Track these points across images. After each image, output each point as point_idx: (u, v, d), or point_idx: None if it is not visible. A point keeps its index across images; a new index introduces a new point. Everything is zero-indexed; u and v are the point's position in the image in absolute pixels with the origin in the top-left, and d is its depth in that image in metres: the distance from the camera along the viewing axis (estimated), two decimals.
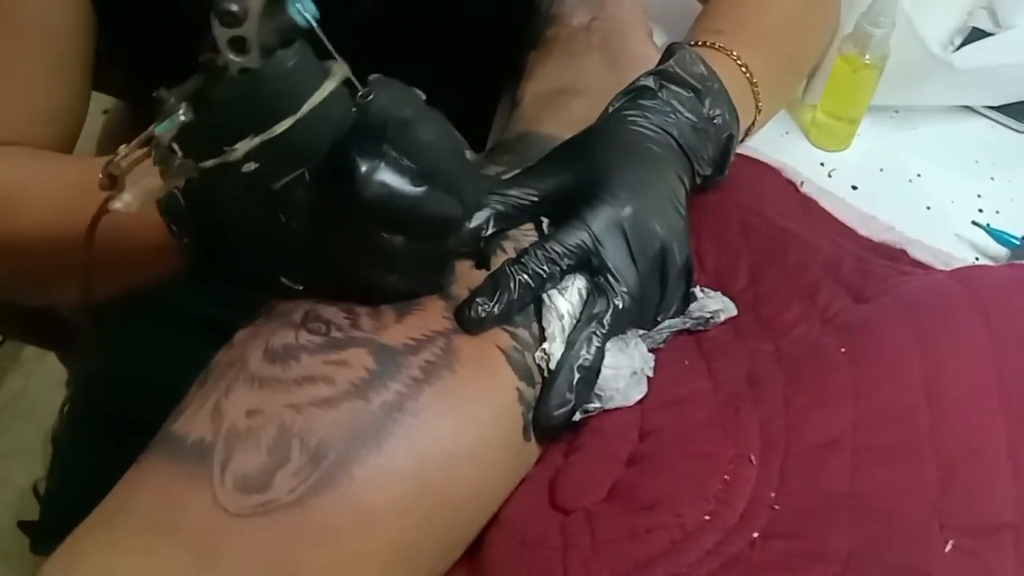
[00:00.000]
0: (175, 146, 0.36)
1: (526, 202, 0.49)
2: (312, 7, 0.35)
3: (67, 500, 0.67)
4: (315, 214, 0.39)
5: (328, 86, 0.36)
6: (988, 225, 0.61)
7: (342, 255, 0.40)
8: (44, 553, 0.67)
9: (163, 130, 0.36)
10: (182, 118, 0.35)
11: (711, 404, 0.44)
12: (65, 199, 0.51)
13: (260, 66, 0.35)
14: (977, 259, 0.60)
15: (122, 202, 0.38)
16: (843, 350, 0.43)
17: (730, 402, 0.43)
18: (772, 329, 0.48)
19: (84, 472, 0.66)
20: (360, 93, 0.38)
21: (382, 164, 0.37)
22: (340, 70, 0.37)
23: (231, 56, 0.34)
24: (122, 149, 0.37)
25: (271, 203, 0.38)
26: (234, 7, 0.34)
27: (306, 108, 0.36)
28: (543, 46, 0.67)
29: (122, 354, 0.70)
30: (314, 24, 0.35)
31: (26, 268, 0.54)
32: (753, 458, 0.40)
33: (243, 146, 0.35)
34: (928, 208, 0.64)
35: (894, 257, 0.54)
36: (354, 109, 0.38)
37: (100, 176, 0.37)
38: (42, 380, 1.36)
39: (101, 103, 0.90)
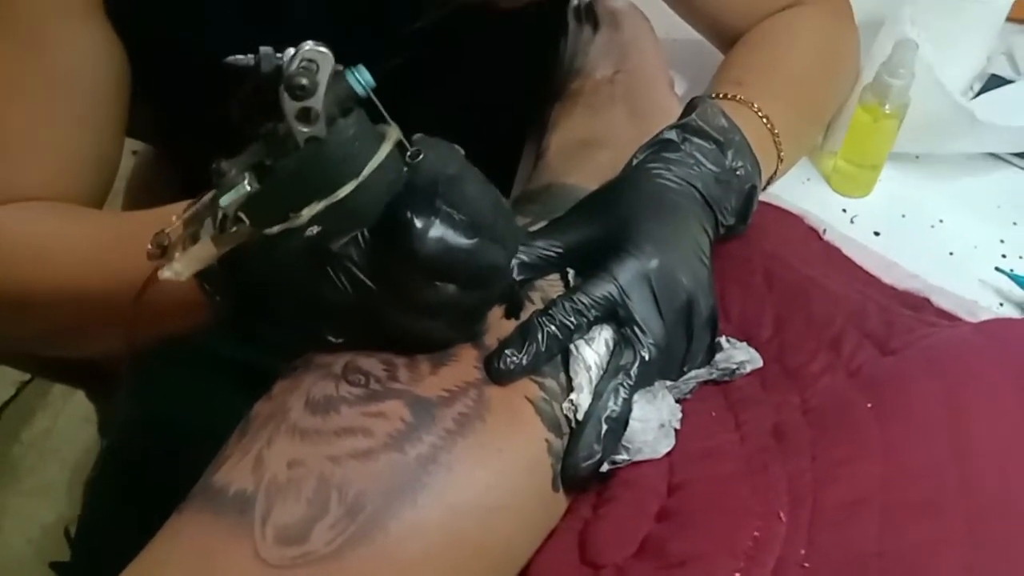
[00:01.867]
0: (241, 215, 0.37)
1: (551, 254, 0.50)
2: (368, 76, 0.37)
3: (99, 543, 0.68)
4: (367, 270, 0.40)
5: (384, 149, 0.38)
6: (1012, 271, 0.61)
7: (392, 307, 0.41)
8: None
9: (229, 200, 0.37)
10: (247, 188, 0.37)
11: (739, 458, 0.44)
12: (95, 255, 0.51)
13: (325, 135, 0.36)
14: (1001, 305, 0.60)
15: (173, 271, 0.39)
16: (869, 405, 0.43)
17: (758, 456, 0.43)
18: (798, 380, 0.49)
19: (117, 516, 0.67)
20: (410, 153, 0.39)
21: (436, 220, 0.39)
22: (394, 133, 0.39)
23: (299, 126, 0.36)
24: (173, 219, 0.38)
25: (324, 264, 0.40)
26: (304, 81, 0.35)
27: (366, 172, 0.37)
28: (567, 98, 0.68)
29: (154, 399, 0.71)
30: (371, 93, 0.37)
31: (55, 323, 0.54)
32: (782, 515, 0.40)
33: (308, 211, 0.37)
34: (951, 254, 0.64)
35: (918, 306, 0.54)
36: (405, 169, 0.39)
37: (149, 246, 0.38)
38: (70, 418, 1.37)
39: (130, 144, 0.92)
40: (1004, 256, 0.64)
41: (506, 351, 0.44)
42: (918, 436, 0.42)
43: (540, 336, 0.45)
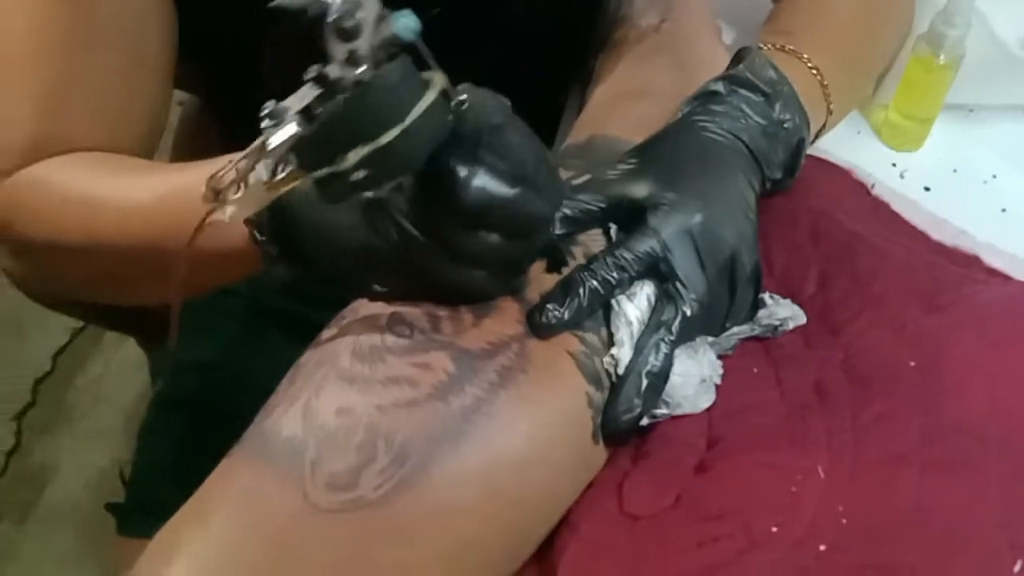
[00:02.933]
0: (290, 156, 0.38)
1: (594, 208, 0.50)
2: (415, 21, 0.37)
3: (153, 484, 0.70)
4: (412, 218, 0.40)
5: (429, 96, 0.38)
6: None
7: (436, 255, 0.42)
8: (130, 535, 0.71)
9: (277, 142, 0.37)
10: (296, 130, 0.37)
11: (779, 413, 0.44)
12: (149, 204, 0.52)
13: (370, 79, 0.36)
14: None
15: (226, 214, 0.39)
16: (913, 363, 0.43)
17: (798, 412, 0.44)
18: (841, 337, 0.48)
19: (169, 457, 0.69)
20: (455, 102, 0.39)
21: (480, 169, 0.39)
22: (440, 81, 0.39)
23: (345, 69, 0.36)
24: (226, 162, 0.39)
25: (370, 211, 0.40)
26: (350, 23, 0.35)
27: (411, 118, 0.37)
28: (611, 49, 0.67)
29: (202, 344, 0.73)
30: (417, 39, 0.37)
31: (106, 271, 0.55)
32: (821, 471, 0.40)
33: (354, 155, 0.37)
34: (1003, 211, 0.63)
35: (967, 263, 0.53)
36: (450, 117, 0.39)
37: (204, 189, 0.39)
38: (122, 364, 1.40)
39: (176, 95, 0.93)
40: None
41: (548, 305, 0.45)
42: (958, 394, 0.41)
43: (581, 291, 0.45)
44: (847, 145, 0.66)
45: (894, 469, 0.40)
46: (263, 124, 0.38)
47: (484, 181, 0.39)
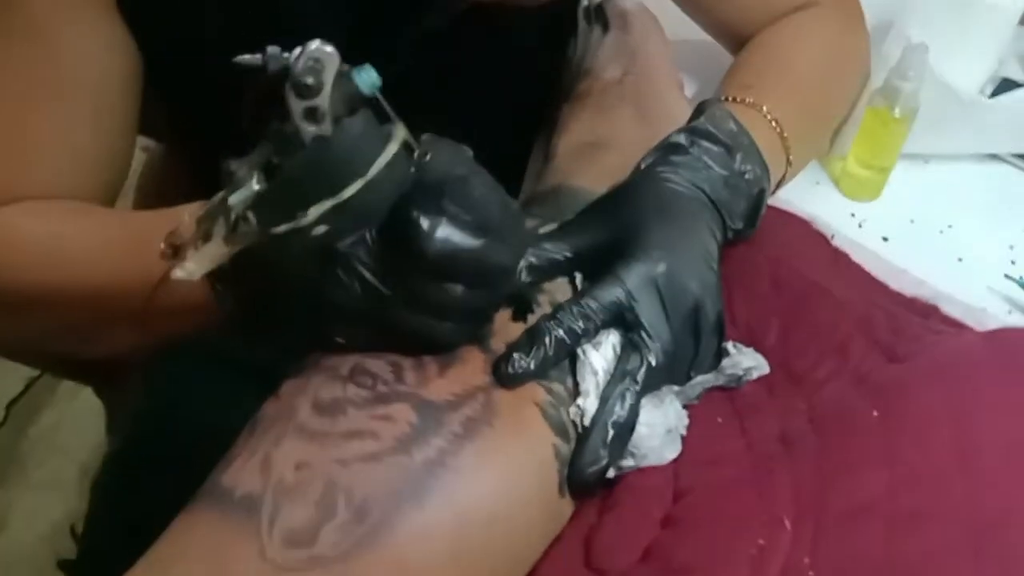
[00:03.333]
0: (249, 214, 0.37)
1: (559, 257, 0.50)
2: (375, 76, 0.37)
3: (107, 540, 0.68)
4: (375, 270, 0.40)
5: (391, 149, 0.38)
6: (1021, 278, 0.61)
7: (400, 307, 0.42)
8: None
9: (238, 199, 0.37)
10: (256, 187, 0.37)
11: (745, 465, 0.44)
12: (108, 254, 0.52)
13: (331, 134, 0.37)
14: (1010, 312, 0.60)
15: (186, 271, 0.39)
16: (875, 413, 0.43)
17: (764, 463, 0.44)
18: (804, 386, 0.49)
19: (125, 513, 0.67)
20: (417, 153, 0.40)
21: (443, 220, 0.39)
22: (400, 133, 0.39)
23: (305, 125, 0.36)
24: (185, 218, 0.39)
25: (332, 263, 0.40)
26: (310, 80, 0.35)
27: (373, 171, 0.38)
28: (575, 100, 0.68)
29: (159, 394, 0.71)
30: (377, 94, 0.37)
31: (66, 321, 0.54)
32: (787, 522, 0.40)
33: (315, 211, 0.37)
34: (960, 260, 0.64)
35: (926, 314, 0.54)
36: (412, 169, 0.39)
37: (162, 245, 0.39)
38: (77, 414, 1.37)
39: (140, 141, 0.92)
40: (1013, 263, 0.64)
41: (514, 355, 0.44)
42: (923, 445, 0.42)
43: (548, 340, 0.45)
44: (806, 195, 0.67)
45: (860, 521, 0.40)
46: (223, 180, 0.37)
47: (447, 232, 0.39)
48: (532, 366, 0.44)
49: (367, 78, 0.37)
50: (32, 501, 1.30)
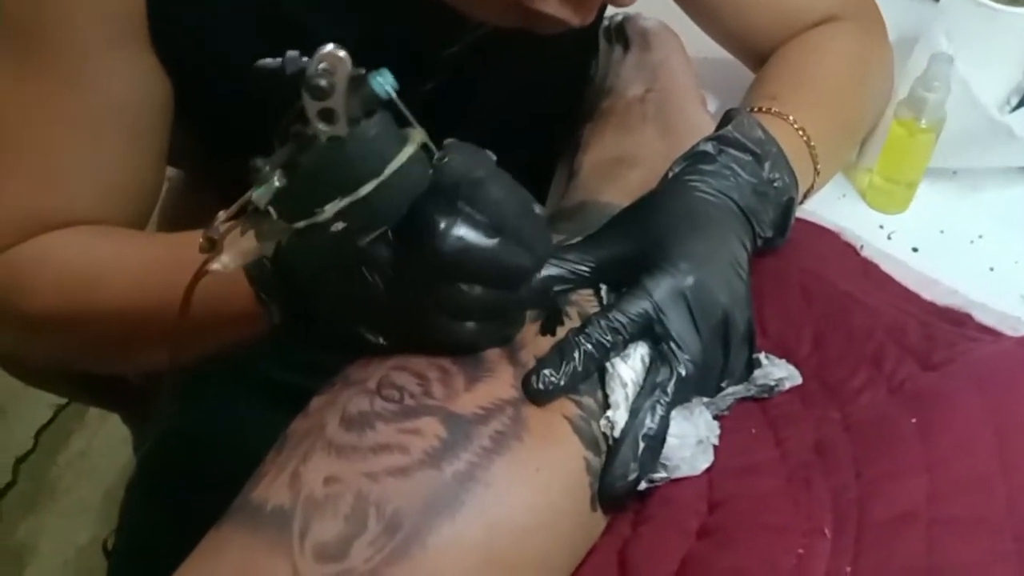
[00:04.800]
0: (271, 209, 0.39)
1: (584, 268, 0.50)
2: (392, 79, 0.38)
3: (136, 559, 0.68)
4: (396, 269, 0.41)
5: (407, 151, 0.39)
6: None
7: (421, 307, 0.42)
8: None
9: (260, 195, 0.38)
10: (277, 184, 0.38)
11: (780, 474, 0.43)
12: (144, 273, 0.53)
13: (346, 134, 0.37)
14: None
15: (220, 263, 0.40)
16: (913, 420, 0.43)
17: (800, 472, 0.43)
18: (838, 396, 0.48)
19: (154, 532, 0.67)
20: (436, 156, 0.41)
21: (458, 220, 0.40)
22: (417, 136, 0.40)
23: (320, 126, 0.37)
24: (221, 215, 0.39)
25: (356, 261, 0.41)
26: (323, 82, 0.36)
27: (388, 171, 0.38)
28: (599, 118, 0.68)
29: (194, 415, 0.72)
30: (393, 95, 0.38)
31: (105, 339, 0.55)
32: (827, 531, 0.39)
33: (331, 207, 0.38)
34: (991, 269, 0.63)
35: (959, 322, 0.53)
36: (431, 171, 0.40)
37: (200, 240, 0.40)
38: (106, 440, 1.39)
39: None
40: None
41: (544, 371, 0.44)
42: (963, 451, 0.41)
43: (577, 355, 0.45)
44: (833, 208, 0.66)
45: (902, 528, 0.39)
46: (251, 177, 0.38)
47: (462, 231, 0.40)
48: (562, 382, 0.44)
49: (382, 81, 0.38)
50: (60, 527, 1.31)
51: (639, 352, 0.47)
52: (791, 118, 0.58)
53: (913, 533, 0.38)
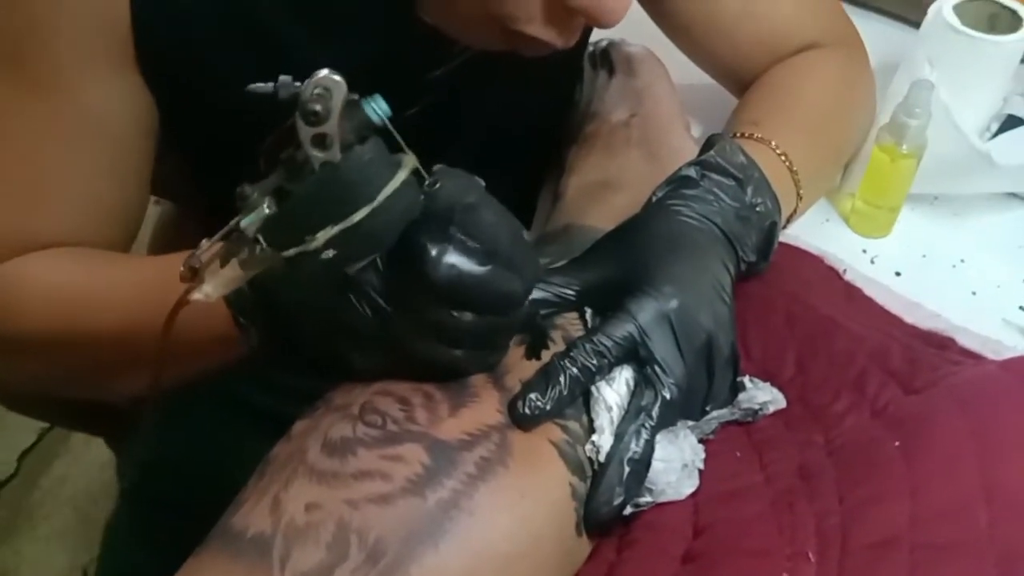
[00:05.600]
0: (259, 237, 0.38)
1: (569, 291, 0.50)
2: (384, 106, 0.38)
3: None
4: (386, 296, 0.41)
5: (400, 176, 0.39)
6: None
7: (411, 333, 0.42)
8: None
9: (249, 222, 0.38)
10: (266, 211, 0.38)
11: (765, 499, 0.43)
12: (128, 298, 0.52)
13: (340, 160, 0.37)
14: None
15: (203, 292, 0.39)
16: (897, 444, 0.43)
17: (784, 497, 0.43)
18: (822, 420, 0.48)
19: (136, 558, 0.67)
20: (427, 181, 0.40)
21: (450, 247, 0.39)
22: (409, 162, 0.40)
23: (313, 152, 0.37)
24: (204, 243, 0.39)
25: (344, 288, 0.40)
26: (317, 107, 0.36)
27: (381, 197, 0.38)
28: (583, 142, 0.69)
29: (176, 441, 0.71)
30: (386, 121, 0.38)
31: (88, 364, 0.55)
32: (811, 555, 0.39)
33: (323, 235, 0.38)
34: (974, 293, 0.64)
35: (943, 345, 0.53)
36: (422, 197, 0.40)
37: (181, 268, 0.39)
38: (87, 465, 1.37)
39: (153, 198, 0.93)
40: None
41: (530, 395, 0.44)
42: (946, 475, 0.41)
43: (562, 379, 0.45)
44: (817, 232, 0.67)
45: (885, 553, 0.39)
46: (237, 204, 0.38)
47: (454, 259, 0.39)
48: (548, 406, 0.44)
49: (376, 107, 0.38)
50: (39, 552, 1.30)
51: (624, 375, 0.47)
52: (773, 143, 0.59)
53: (896, 557, 0.38)
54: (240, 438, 0.59)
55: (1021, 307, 0.62)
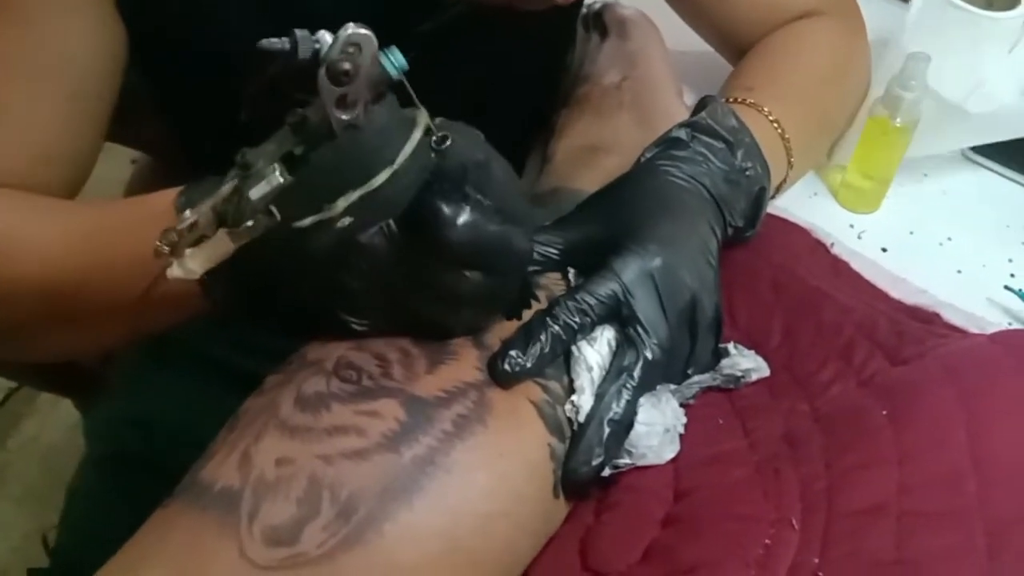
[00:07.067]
0: (272, 208, 0.35)
1: (553, 250, 0.49)
2: (401, 58, 0.36)
3: (81, 547, 0.66)
4: (394, 261, 0.39)
5: (416, 136, 0.37)
6: (1020, 290, 0.60)
7: (418, 296, 0.40)
8: None
9: (260, 192, 0.35)
10: (280, 180, 0.35)
11: (749, 464, 0.43)
12: (63, 248, 0.48)
13: (362, 122, 0.35)
14: (1010, 324, 0.59)
15: (184, 269, 0.37)
16: (884, 412, 0.42)
17: (769, 463, 0.42)
18: (807, 388, 0.47)
19: (99, 518, 0.65)
20: (436, 139, 0.38)
21: (466, 207, 0.37)
22: (423, 119, 0.38)
23: (337, 113, 0.34)
24: (187, 214, 0.36)
25: (351, 255, 0.38)
26: (347, 66, 0.33)
27: (400, 159, 0.36)
28: (574, 104, 0.67)
29: (141, 398, 0.69)
30: (402, 76, 0.36)
31: (23, 320, 0.50)
32: (795, 522, 0.39)
33: (343, 202, 0.35)
34: (959, 272, 0.63)
35: (928, 320, 0.53)
36: (433, 155, 0.38)
37: (157, 243, 0.37)
38: (56, 425, 1.36)
39: (129, 153, 0.91)
40: (1012, 275, 0.63)
41: (510, 352, 0.43)
42: (935, 444, 0.40)
43: (544, 336, 0.44)
44: (805, 206, 0.66)
45: (872, 520, 0.38)
46: (237, 172, 0.35)
47: (471, 218, 0.38)
48: (529, 364, 0.43)
49: (394, 60, 0.35)
50: (8, 512, 1.29)
51: (606, 336, 0.46)
52: (766, 110, 0.58)
53: (883, 525, 0.38)
54: (204, 393, 0.57)
55: (1006, 287, 0.61)
